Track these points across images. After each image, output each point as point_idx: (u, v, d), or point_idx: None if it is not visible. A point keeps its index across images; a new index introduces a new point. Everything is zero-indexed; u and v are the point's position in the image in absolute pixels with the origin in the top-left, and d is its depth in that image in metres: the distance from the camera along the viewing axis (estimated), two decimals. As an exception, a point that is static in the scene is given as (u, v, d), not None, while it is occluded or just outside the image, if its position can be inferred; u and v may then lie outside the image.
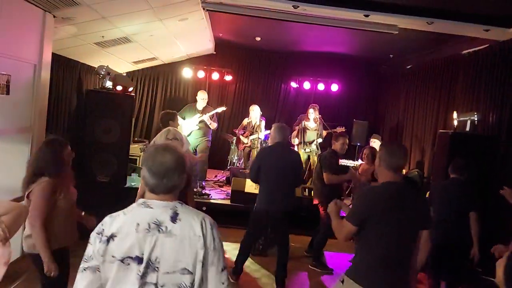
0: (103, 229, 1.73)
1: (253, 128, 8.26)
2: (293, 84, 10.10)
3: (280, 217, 4.72)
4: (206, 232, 1.74)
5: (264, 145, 7.92)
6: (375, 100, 10.42)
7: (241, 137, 8.32)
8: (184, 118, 7.70)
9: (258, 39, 8.62)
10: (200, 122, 7.72)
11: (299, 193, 6.59)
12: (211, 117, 7.75)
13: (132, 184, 6.44)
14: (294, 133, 8.13)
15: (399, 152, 2.73)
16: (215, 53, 9.55)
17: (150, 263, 1.67)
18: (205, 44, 8.64)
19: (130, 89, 6.24)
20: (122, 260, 1.67)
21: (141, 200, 1.78)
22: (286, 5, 5.40)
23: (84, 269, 1.73)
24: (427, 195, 4.68)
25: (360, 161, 7.78)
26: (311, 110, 8.07)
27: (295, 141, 8.10)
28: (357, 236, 2.75)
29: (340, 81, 9.90)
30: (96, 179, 5.77)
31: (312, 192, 6.45)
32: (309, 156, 8.10)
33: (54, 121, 5.79)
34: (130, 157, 6.64)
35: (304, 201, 6.63)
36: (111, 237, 1.69)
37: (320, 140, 8.03)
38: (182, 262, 1.69)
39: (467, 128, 5.74)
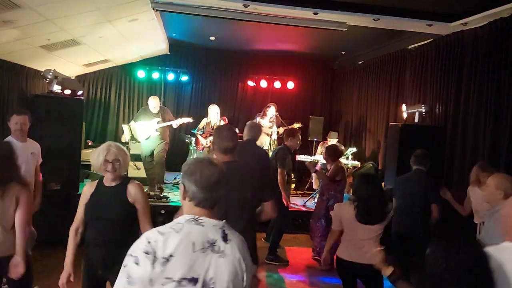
0: (154, 249, 1.59)
1: (212, 128, 8.10)
2: (250, 83, 10.12)
3: None
4: (245, 254, 1.72)
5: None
6: (330, 96, 10.64)
7: (199, 137, 8.13)
8: (139, 122, 7.51)
9: (212, 38, 8.59)
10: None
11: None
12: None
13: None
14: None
15: (227, 136, 2.86)
16: (169, 53, 9.44)
17: (205, 283, 1.60)
18: (158, 44, 8.51)
19: (80, 92, 6.07)
20: (179, 282, 1.57)
21: (190, 217, 1.69)
22: (236, 4, 5.42)
23: None
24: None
25: (316, 156, 7.89)
26: (272, 108, 8.08)
27: None
28: None
29: (295, 78, 10.03)
30: (47, 188, 5.55)
31: None
32: None
33: (0, 130, 5.54)
34: (83, 162, 6.45)
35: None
36: (168, 258, 1.58)
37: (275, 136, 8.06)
38: (233, 283, 1.64)
39: (416, 120, 5.97)
